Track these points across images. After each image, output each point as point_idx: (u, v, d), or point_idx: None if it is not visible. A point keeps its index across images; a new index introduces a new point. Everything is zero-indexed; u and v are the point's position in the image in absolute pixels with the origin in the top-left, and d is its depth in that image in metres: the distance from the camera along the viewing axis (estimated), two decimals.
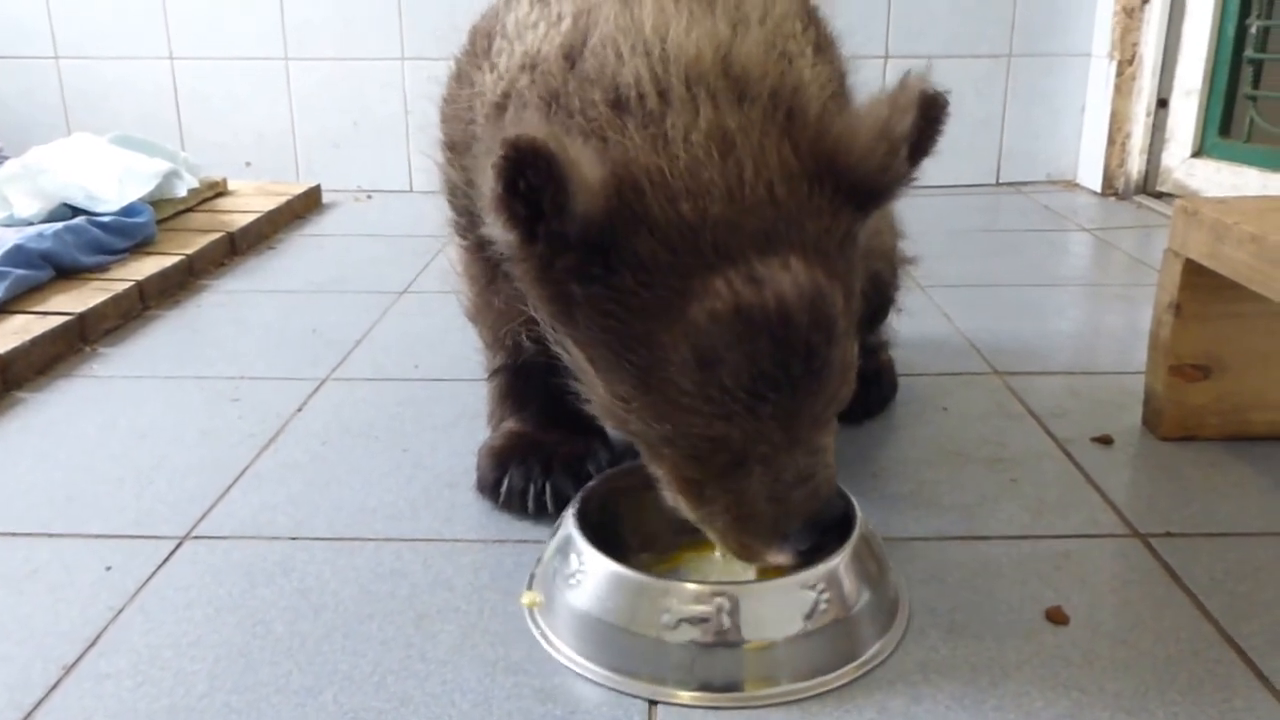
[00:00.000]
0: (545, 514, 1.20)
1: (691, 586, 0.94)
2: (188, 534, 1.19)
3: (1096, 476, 1.31)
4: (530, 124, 0.82)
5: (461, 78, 1.14)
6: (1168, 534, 1.18)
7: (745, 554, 0.97)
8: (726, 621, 0.92)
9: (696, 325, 0.83)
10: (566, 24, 0.97)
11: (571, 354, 0.95)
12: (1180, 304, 1.35)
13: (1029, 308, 2.03)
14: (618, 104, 0.88)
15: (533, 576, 1.08)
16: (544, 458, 1.22)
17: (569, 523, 1.04)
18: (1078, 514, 1.23)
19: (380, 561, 1.13)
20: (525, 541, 1.17)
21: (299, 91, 3.17)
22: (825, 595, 0.95)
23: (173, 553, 1.16)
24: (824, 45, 1.05)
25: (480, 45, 1.10)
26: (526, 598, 1.04)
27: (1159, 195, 2.95)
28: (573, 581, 0.99)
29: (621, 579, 0.96)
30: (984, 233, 2.68)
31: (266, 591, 1.08)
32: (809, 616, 0.94)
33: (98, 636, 1.01)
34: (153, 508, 1.25)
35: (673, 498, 0.98)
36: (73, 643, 1.00)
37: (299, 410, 1.54)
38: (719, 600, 0.93)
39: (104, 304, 1.87)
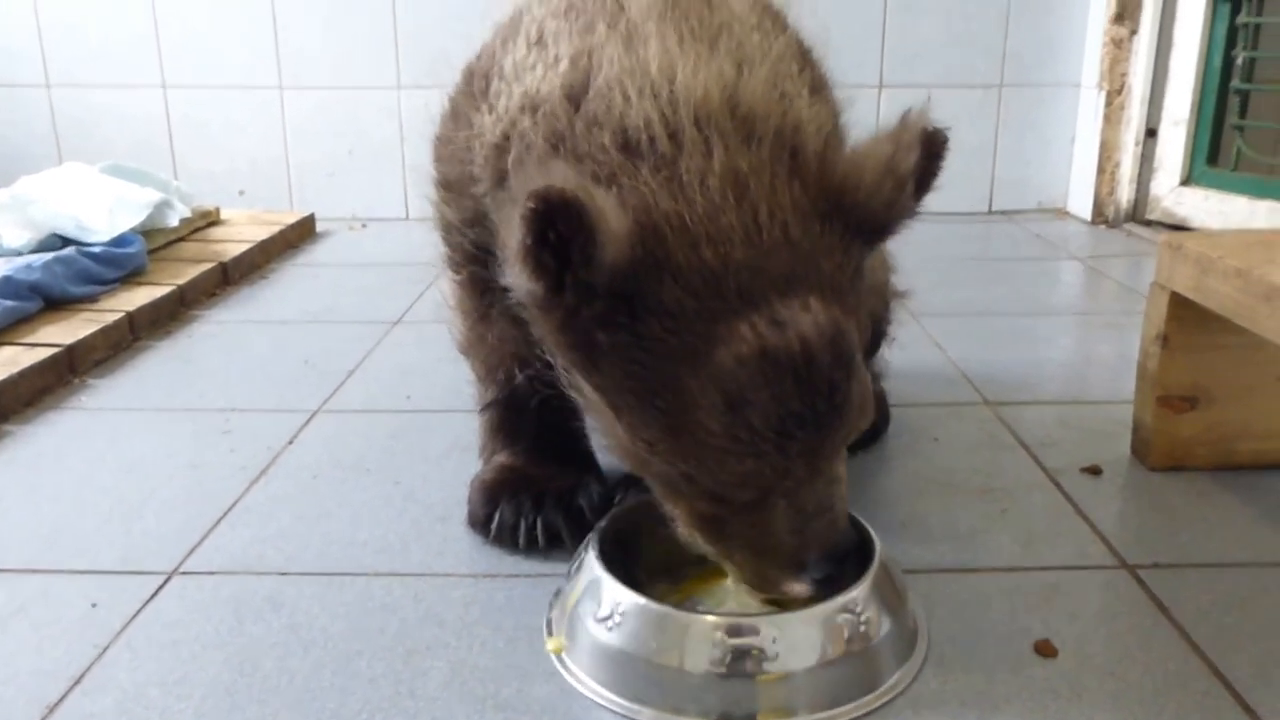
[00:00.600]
0: (536, 549, 1.19)
1: (739, 619, 0.95)
2: (175, 569, 1.19)
3: (1086, 507, 1.32)
4: (557, 174, 0.82)
5: (458, 118, 1.14)
6: (1155, 565, 1.18)
7: (763, 585, 0.97)
8: (772, 650, 0.93)
9: (724, 369, 0.83)
10: (565, 65, 0.98)
11: (588, 398, 0.95)
12: (1167, 336, 1.36)
13: (1020, 336, 2.04)
14: (628, 147, 0.89)
15: (550, 621, 1.07)
16: (535, 493, 1.22)
17: (594, 565, 1.03)
18: (1067, 545, 1.23)
19: (370, 596, 1.13)
20: (516, 576, 1.17)
21: (293, 119, 3.18)
22: (864, 616, 0.96)
23: (160, 588, 1.15)
24: (819, 86, 1.06)
25: (478, 86, 1.10)
26: (551, 644, 1.03)
27: (1148, 223, 2.97)
28: (609, 624, 0.98)
29: (664, 617, 0.96)
30: (976, 261, 2.70)
31: (255, 628, 1.07)
32: (850, 640, 0.95)
33: (82, 674, 1.00)
34: (140, 542, 1.25)
35: (688, 532, 0.98)
36: (57, 681, 0.99)
37: (290, 442, 1.54)
38: (768, 631, 0.94)
39: (93, 335, 1.87)
